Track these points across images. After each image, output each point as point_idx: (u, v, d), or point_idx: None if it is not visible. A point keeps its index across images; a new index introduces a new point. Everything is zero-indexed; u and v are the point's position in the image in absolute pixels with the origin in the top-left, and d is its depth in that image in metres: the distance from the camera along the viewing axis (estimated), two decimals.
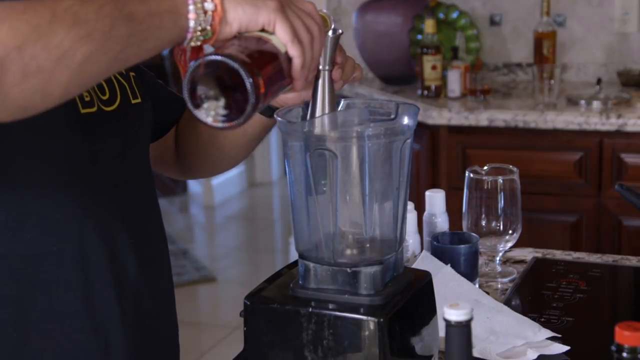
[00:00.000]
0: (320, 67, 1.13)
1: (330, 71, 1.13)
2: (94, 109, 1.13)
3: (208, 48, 1.00)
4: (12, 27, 0.84)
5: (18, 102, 0.86)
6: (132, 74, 1.25)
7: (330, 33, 1.12)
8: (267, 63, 0.97)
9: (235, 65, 0.92)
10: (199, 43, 0.97)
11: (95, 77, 0.92)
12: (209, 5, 0.95)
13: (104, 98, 1.16)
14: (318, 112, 1.13)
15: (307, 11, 1.03)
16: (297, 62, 1.00)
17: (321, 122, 1.13)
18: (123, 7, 0.90)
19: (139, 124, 1.24)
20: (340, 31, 1.14)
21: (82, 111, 1.11)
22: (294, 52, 0.99)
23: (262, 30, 1.00)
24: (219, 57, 0.93)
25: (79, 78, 0.89)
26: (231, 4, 0.97)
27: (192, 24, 0.95)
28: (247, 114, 0.94)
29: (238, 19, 0.97)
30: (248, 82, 0.93)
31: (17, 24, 0.84)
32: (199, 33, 0.96)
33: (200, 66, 0.94)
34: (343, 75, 1.17)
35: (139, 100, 1.23)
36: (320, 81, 1.13)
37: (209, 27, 0.96)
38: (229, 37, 0.98)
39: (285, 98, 1.22)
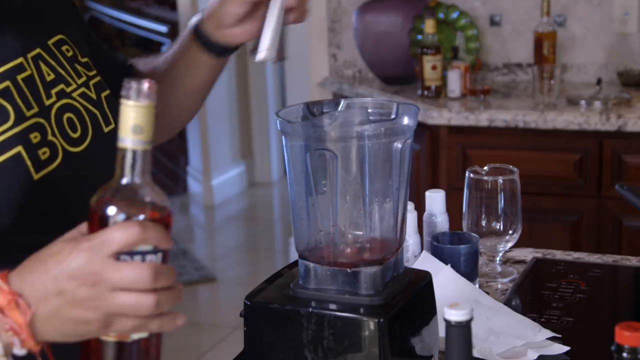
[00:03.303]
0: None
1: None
2: (56, 163, 1.05)
3: None
4: None
5: None
6: (104, 94, 1.19)
7: None
8: None
9: None
10: None
11: None
12: (19, 352, 0.82)
13: (75, 136, 1.09)
14: (266, 41, 1.20)
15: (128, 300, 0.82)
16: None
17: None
18: None
19: (113, 154, 1.19)
20: None
21: (36, 177, 1.03)
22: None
23: None
24: None
25: None
26: (49, 337, 0.83)
27: None
28: None
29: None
30: None
31: None
32: None
33: None
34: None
35: (112, 125, 1.17)
36: (270, 11, 1.17)
37: None
38: None
39: (233, 32, 1.27)
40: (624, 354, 0.92)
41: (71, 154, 1.08)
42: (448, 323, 0.94)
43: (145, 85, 0.84)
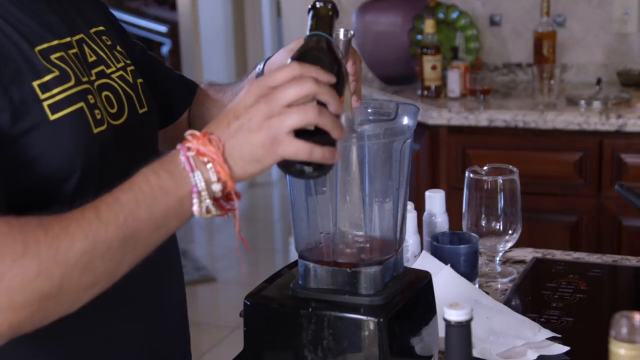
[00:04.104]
0: None
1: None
2: (104, 127, 1.12)
3: None
4: (25, 299, 0.89)
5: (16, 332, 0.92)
6: (139, 80, 1.25)
7: (341, 35, 1.11)
8: None
9: None
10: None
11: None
12: (216, 187, 0.97)
13: (112, 111, 1.16)
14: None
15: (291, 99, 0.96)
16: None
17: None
18: (130, 237, 0.94)
19: (147, 134, 1.25)
20: (352, 32, 1.13)
21: (95, 131, 1.11)
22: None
23: None
24: None
25: (82, 303, 0.95)
26: (238, 169, 0.97)
27: (196, 213, 0.98)
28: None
29: (245, 178, 0.99)
30: None
31: (29, 295, 0.89)
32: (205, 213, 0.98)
33: None
34: (355, 74, 1.17)
35: (145, 109, 1.23)
36: None
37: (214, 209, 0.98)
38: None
39: None
40: None
41: (113, 125, 1.14)
42: (448, 323, 0.94)
43: None
